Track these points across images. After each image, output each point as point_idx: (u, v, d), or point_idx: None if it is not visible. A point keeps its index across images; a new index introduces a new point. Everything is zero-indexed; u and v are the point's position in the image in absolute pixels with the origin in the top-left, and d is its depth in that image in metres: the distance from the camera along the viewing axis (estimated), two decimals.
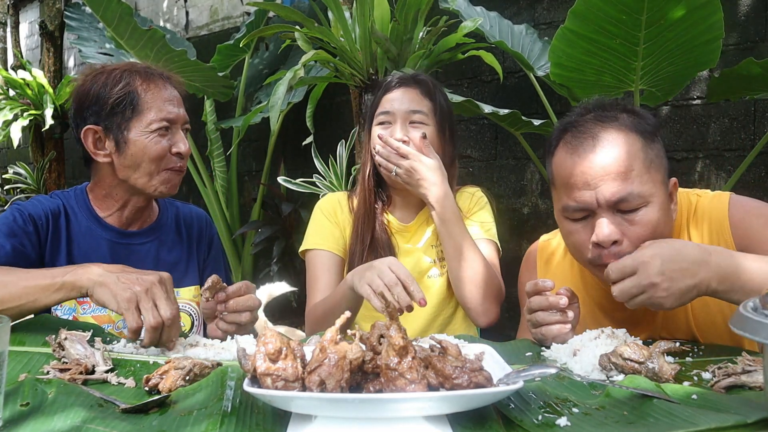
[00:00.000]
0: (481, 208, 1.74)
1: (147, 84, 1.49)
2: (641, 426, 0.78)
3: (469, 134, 3.56)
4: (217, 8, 5.16)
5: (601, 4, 2.11)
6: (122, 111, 1.46)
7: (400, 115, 1.64)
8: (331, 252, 1.68)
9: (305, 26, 2.70)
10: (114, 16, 3.33)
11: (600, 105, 1.29)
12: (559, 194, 1.26)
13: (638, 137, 1.21)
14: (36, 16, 7.34)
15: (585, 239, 1.22)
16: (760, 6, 2.68)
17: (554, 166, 1.28)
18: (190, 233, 1.67)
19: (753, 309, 0.76)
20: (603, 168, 1.18)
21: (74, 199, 1.55)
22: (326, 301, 1.55)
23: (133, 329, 1.12)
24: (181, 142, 1.50)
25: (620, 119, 1.24)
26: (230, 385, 0.90)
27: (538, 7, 3.31)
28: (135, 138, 1.47)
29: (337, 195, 1.81)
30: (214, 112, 4.10)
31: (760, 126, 2.68)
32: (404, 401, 0.79)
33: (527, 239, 3.34)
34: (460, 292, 1.61)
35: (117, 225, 1.56)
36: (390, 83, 1.69)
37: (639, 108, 1.30)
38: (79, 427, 0.78)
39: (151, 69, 1.54)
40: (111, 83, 1.48)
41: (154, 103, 1.48)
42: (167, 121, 1.48)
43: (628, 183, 1.17)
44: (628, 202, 1.17)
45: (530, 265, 1.53)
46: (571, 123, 1.27)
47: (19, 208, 1.48)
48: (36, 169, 5.67)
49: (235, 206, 4.32)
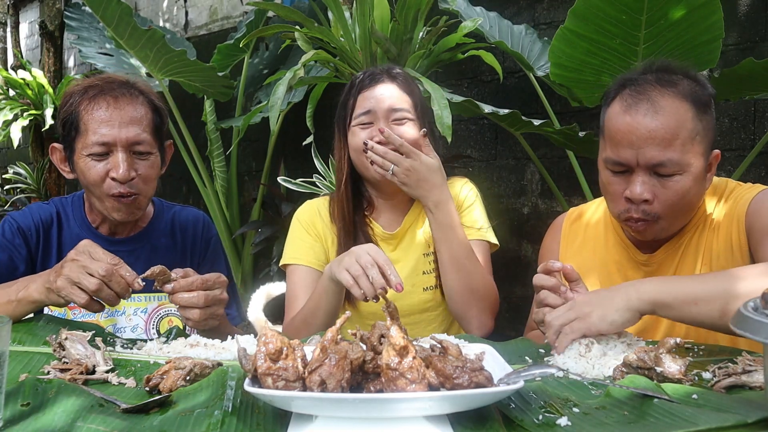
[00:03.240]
0: (472, 203, 1.65)
1: (89, 103, 1.43)
2: (641, 426, 0.78)
3: (469, 134, 3.56)
4: (217, 8, 5.16)
5: (601, 4, 2.11)
6: (68, 132, 1.45)
7: (382, 114, 1.53)
8: (310, 267, 1.59)
9: (305, 26, 2.70)
10: (114, 16, 3.32)
11: (664, 66, 1.33)
12: (605, 144, 1.33)
13: (691, 107, 1.26)
14: (36, 16, 7.34)
15: (619, 191, 1.29)
16: (760, 6, 2.68)
17: (607, 117, 1.33)
18: (185, 237, 1.65)
19: (753, 309, 0.76)
20: (649, 132, 1.23)
21: (71, 206, 1.57)
22: (304, 307, 1.48)
23: (83, 305, 1.18)
24: (118, 167, 1.40)
25: (680, 85, 1.28)
26: (231, 385, 0.90)
27: (538, 7, 3.31)
28: (77, 160, 1.45)
29: (316, 203, 1.69)
30: (214, 112, 4.10)
31: (760, 126, 2.68)
32: (405, 401, 0.79)
33: (527, 239, 3.34)
34: (454, 305, 1.53)
35: (106, 233, 1.57)
36: (364, 81, 1.58)
37: (701, 76, 1.34)
38: (80, 427, 0.78)
39: (106, 85, 1.45)
40: (63, 103, 1.48)
41: (90, 124, 1.41)
42: (101, 145, 1.40)
43: (669, 150, 1.23)
44: (666, 167, 1.24)
45: (554, 230, 1.58)
46: (632, 80, 1.31)
47: (10, 220, 1.51)
48: (36, 169, 5.66)
49: (235, 206, 4.32)
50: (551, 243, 1.57)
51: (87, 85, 1.47)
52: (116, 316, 1.56)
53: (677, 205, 1.27)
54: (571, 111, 2.97)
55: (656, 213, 1.27)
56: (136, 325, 1.57)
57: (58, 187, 5.60)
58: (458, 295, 1.51)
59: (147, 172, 1.46)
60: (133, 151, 1.44)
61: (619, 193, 1.30)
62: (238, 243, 4.27)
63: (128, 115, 1.43)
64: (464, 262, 1.49)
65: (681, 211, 1.29)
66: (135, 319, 1.56)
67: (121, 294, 1.20)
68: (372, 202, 1.66)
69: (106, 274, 1.17)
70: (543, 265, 1.22)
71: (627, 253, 1.43)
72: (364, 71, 1.62)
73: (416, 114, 1.56)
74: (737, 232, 1.30)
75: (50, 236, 1.52)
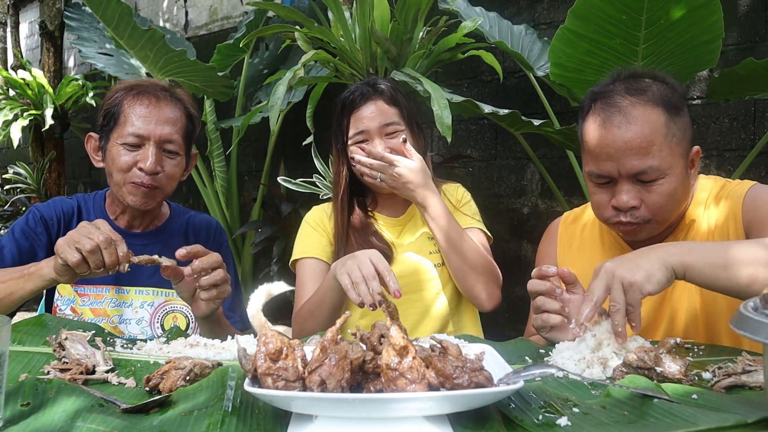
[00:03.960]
0: (468, 201, 1.81)
1: (132, 99, 1.54)
2: (641, 426, 0.78)
3: (469, 134, 3.56)
4: (217, 8, 5.16)
5: (601, 4, 2.11)
6: (108, 122, 1.57)
7: (375, 132, 1.66)
8: (318, 259, 1.71)
9: (305, 26, 2.70)
10: (114, 16, 3.33)
11: (632, 74, 1.35)
12: (586, 158, 1.35)
13: (663, 112, 1.27)
14: (36, 16, 7.34)
15: (606, 200, 1.32)
16: (760, 6, 2.68)
17: (584, 132, 1.35)
18: (198, 239, 1.70)
19: (753, 309, 0.76)
20: (626, 143, 1.26)
21: (92, 202, 1.67)
22: (311, 299, 1.57)
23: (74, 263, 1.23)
24: (147, 159, 1.51)
25: (648, 92, 1.29)
26: (231, 385, 0.90)
27: (538, 7, 3.31)
28: (110, 148, 1.56)
29: (323, 207, 1.84)
30: (214, 112, 4.10)
31: (760, 126, 2.68)
32: (405, 401, 0.79)
33: (527, 239, 3.34)
34: (462, 283, 1.66)
35: (123, 226, 1.64)
36: (354, 101, 1.69)
37: (669, 77, 1.35)
38: (80, 427, 0.78)
39: (151, 87, 1.58)
40: (108, 96, 1.60)
41: (129, 117, 1.53)
42: (135, 136, 1.52)
43: (648, 158, 1.25)
44: (647, 174, 1.26)
45: (551, 234, 1.59)
46: (602, 93, 1.33)
47: (34, 210, 1.61)
48: (36, 169, 5.66)
49: (235, 206, 4.32)
50: (548, 247, 1.58)
51: (133, 83, 1.60)
52: (123, 307, 1.61)
53: (665, 207, 1.29)
54: (571, 111, 2.97)
55: (645, 216, 1.29)
56: (141, 318, 1.61)
57: (58, 187, 5.60)
58: (461, 273, 1.65)
59: (172, 170, 1.56)
60: (164, 148, 1.54)
61: (605, 202, 1.33)
62: (238, 243, 4.27)
63: (165, 115, 1.54)
64: (460, 245, 1.63)
65: (670, 211, 1.31)
66: (141, 311, 1.61)
67: (110, 265, 1.25)
68: (375, 198, 1.80)
69: (104, 241, 1.24)
70: (537, 270, 1.23)
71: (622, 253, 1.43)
72: (353, 90, 1.73)
73: (405, 122, 1.70)
74: (735, 229, 1.31)
75: (71, 227, 1.57)
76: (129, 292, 1.61)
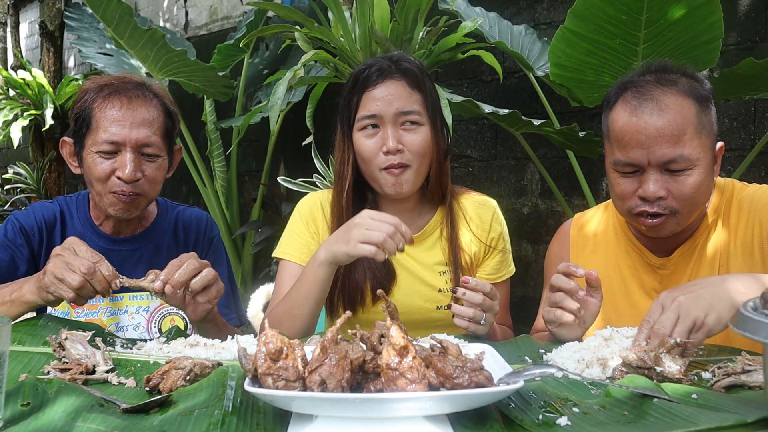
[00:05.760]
0: (499, 234, 1.55)
1: (102, 101, 1.43)
2: (641, 426, 0.78)
3: (469, 134, 3.56)
4: (217, 8, 5.16)
5: (601, 4, 2.11)
6: (80, 127, 1.46)
7: (389, 119, 1.40)
8: (301, 266, 1.50)
9: (305, 26, 2.70)
10: (114, 16, 3.33)
11: (662, 67, 1.35)
12: (612, 148, 1.33)
13: (694, 103, 1.27)
14: (36, 16, 7.34)
15: (631, 190, 1.30)
16: (760, 6, 2.68)
17: (611, 121, 1.33)
18: (188, 236, 1.65)
19: (753, 309, 0.76)
20: (657, 130, 1.25)
21: (75, 205, 1.58)
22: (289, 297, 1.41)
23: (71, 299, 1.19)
24: (125, 166, 1.40)
25: (679, 83, 1.29)
26: (231, 384, 0.90)
27: (538, 7, 3.31)
28: (85, 156, 1.45)
29: (320, 195, 1.59)
30: (214, 112, 4.10)
31: (760, 126, 2.68)
32: (405, 401, 0.79)
33: (527, 239, 3.34)
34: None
35: (109, 232, 1.56)
36: (370, 77, 1.42)
37: (698, 73, 1.36)
38: (80, 427, 0.78)
39: (122, 85, 1.46)
40: (77, 98, 1.48)
41: (102, 122, 1.41)
42: (110, 143, 1.41)
43: (679, 146, 1.25)
44: (677, 163, 1.25)
45: (562, 237, 1.57)
46: (632, 82, 1.33)
47: (13, 219, 1.51)
48: (36, 169, 5.67)
49: (235, 206, 4.32)
50: (559, 249, 1.55)
51: (103, 83, 1.47)
52: (119, 315, 1.56)
53: (692, 199, 1.28)
54: (571, 111, 2.97)
55: (673, 206, 1.27)
56: (138, 324, 1.57)
57: (58, 187, 5.60)
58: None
59: (153, 174, 1.46)
60: (142, 152, 1.44)
61: (630, 192, 1.30)
62: (238, 243, 4.27)
63: (140, 117, 1.43)
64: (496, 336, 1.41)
65: (695, 204, 1.30)
66: (137, 317, 1.57)
67: (102, 293, 1.20)
68: (376, 202, 1.55)
69: (88, 272, 1.18)
70: (565, 266, 1.22)
71: (641, 258, 1.43)
72: (371, 63, 1.46)
73: (428, 114, 1.44)
74: (759, 235, 1.31)
75: (53, 235, 1.52)
76: (123, 299, 1.56)
